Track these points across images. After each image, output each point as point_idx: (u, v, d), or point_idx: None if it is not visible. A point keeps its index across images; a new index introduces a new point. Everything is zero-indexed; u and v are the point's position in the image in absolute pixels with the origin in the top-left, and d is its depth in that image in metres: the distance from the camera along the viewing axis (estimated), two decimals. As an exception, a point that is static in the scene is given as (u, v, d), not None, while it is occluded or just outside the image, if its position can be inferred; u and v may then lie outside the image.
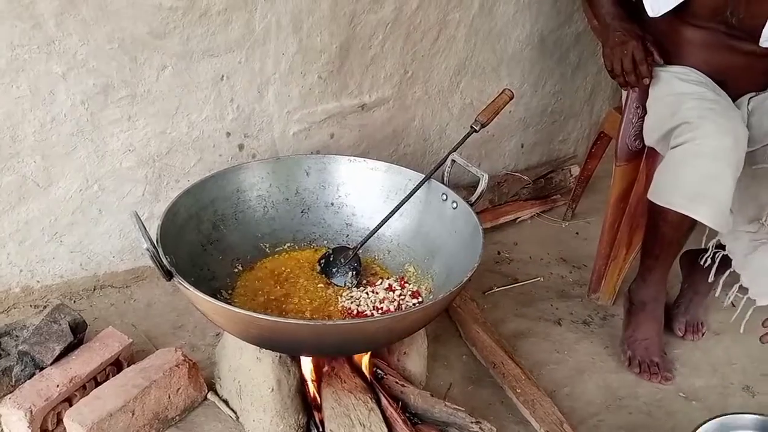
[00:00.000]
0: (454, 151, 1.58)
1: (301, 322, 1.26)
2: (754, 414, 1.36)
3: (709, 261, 1.71)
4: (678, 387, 1.67)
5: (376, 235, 1.59)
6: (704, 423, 1.33)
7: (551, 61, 2.35)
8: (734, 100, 1.60)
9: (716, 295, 1.78)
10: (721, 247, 1.66)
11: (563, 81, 2.44)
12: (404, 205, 1.58)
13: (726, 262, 1.66)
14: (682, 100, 1.53)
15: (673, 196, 1.47)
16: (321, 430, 1.38)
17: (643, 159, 1.73)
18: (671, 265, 1.75)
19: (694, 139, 1.44)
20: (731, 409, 1.61)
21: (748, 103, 1.59)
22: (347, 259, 1.58)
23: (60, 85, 1.51)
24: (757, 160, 1.54)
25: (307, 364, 1.42)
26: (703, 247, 1.73)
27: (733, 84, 1.60)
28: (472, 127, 1.59)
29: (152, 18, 1.54)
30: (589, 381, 1.67)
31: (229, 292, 1.51)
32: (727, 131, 1.42)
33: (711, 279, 1.71)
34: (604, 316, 1.90)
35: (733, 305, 1.78)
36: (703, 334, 1.83)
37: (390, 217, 1.57)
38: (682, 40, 1.61)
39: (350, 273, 1.57)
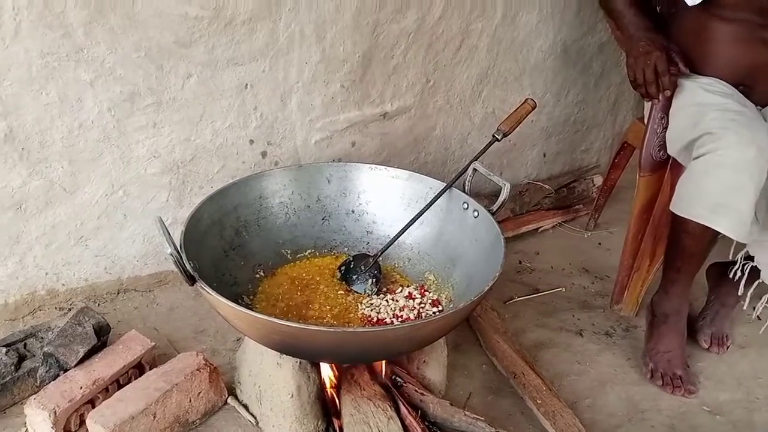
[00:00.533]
0: (476, 159, 1.58)
1: (321, 328, 1.26)
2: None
3: (738, 273, 1.68)
4: (702, 400, 1.65)
5: (396, 242, 1.59)
6: None
7: (574, 71, 2.34)
8: (764, 106, 1.59)
9: (744, 307, 1.75)
10: (749, 258, 1.64)
11: (586, 90, 2.43)
12: (425, 213, 1.58)
13: (754, 273, 1.64)
14: (704, 111, 1.51)
15: (694, 207, 1.47)
16: (340, 437, 1.38)
17: (668, 170, 1.72)
18: (694, 276, 1.72)
19: (716, 150, 1.43)
20: (757, 424, 1.58)
21: None
22: (367, 267, 1.58)
23: (88, 93, 1.54)
24: None
25: (326, 370, 1.43)
26: (731, 259, 1.71)
27: (763, 86, 1.58)
28: (494, 136, 1.59)
29: (178, 27, 1.56)
30: (611, 393, 1.65)
31: (251, 297, 1.52)
32: (750, 142, 1.41)
33: (740, 292, 1.69)
34: (626, 328, 1.88)
35: (759, 318, 1.76)
36: (728, 348, 1.80)
37: (411, 225, 1.58)
38: (710, 38, 1.59)
39: (370, 281, 1.57)
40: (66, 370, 1.42)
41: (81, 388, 1.37)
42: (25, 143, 1.53)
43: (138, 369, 1.49)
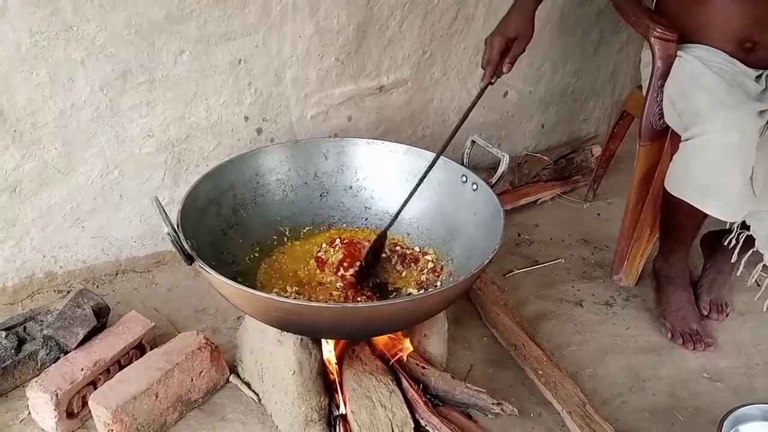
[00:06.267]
0: (474, 105, 1.54)
1: (321, 305, 1.26)
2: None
3: (733, 241, 1.70)
4: (702, 368, 1.66)
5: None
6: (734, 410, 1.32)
7: (572, 40, 2.31)
8: (765, 67, 1.59)
9: (738, 274, 1.77)
10: (744, 227, 1.65)
11: (584, 59, 2.40)
12: (424, 187, 1.57)
13: (748, 241, 1.66)
14: (695, 85, 1.54)
15: (685, 188, 1.52)
16: (342, 411, 1.39)
17: (668, 138, 1.70)
18: (691, 245, 1.78)
19: (702, 134, 1.47)
20: (757, 390, 1.59)
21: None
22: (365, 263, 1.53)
23: (79, 72, 1.52)
24: None
25: (328, 346, 1.43)
26: (726, 228, 1.73)
27: (765, 48, 1.56)
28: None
29: (169, 2, 1.53)
30: (611, 362, 1.66)
31: (250, 275, 1.52)
32: (733, 127, 1.43)
33: (734, 259, 1.72)
34: (626, 298, 1.88)
35: (758, 284, 1.76)
36: (727, 315, 1.81)
37: (412, 195, 1.53)
38: None
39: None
40: (66, 353, 1.42)
41: (82, 369, 1.37)
42: (17, 125, 1.51)
43: (139, 349, 1.49)
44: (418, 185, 1.52)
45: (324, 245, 1.60)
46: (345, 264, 1.52)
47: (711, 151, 1.45)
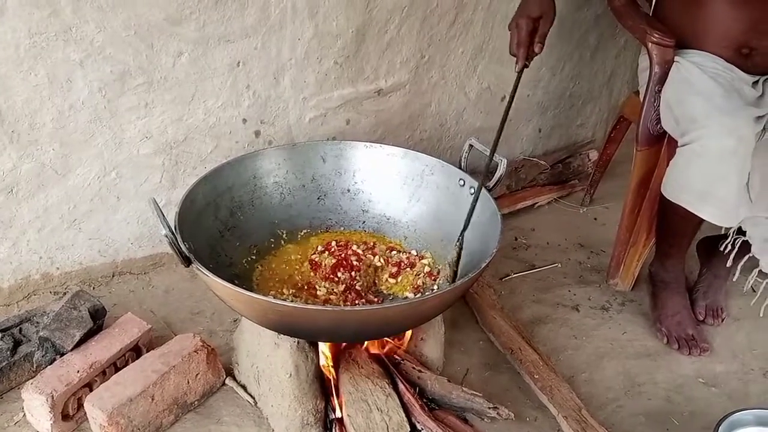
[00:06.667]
0: (513, 98, 1.52)
1: (318, 307, 1.26)
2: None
3: (729, 247, 1.71)
4: (698, 373, 1.66)
5: (392, 221, 1.59)
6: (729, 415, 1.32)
7: (570, 44, 2.32)
8: (765, 73, 1.59)
9: (734, 279, 1.78)
10: (741, 232, 1.66)
11: (582, 64, 2.41)
12: (421, 190, 1.57)
13: (744, 247, 1.66)
14: (692, 90, 1.54)
15: (682, 193, 1.52)
16: (339, 414, 1.39)
17: (665, 144, 1.71)
18: (687, 250, 1.78)
19: (699, 139, 1.47)
20: (752, 395, 1.60)
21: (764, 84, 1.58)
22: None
23: (77, 73, 1.52)
24: None
25: (324, 349, 1.43)
26: (722, 233, 1.74)
27: (762, 54, 1.56)
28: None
29: (168, 3, 1.53)
30: (607, 367, 1.66)
31: (247, 278, 1.52)
32: (730, 133, 1.44)
33: (729, 264, 1.73)
34: (622, 302, 1.88)
35: (754, 290, 1.77)
36: (723, 320, 1.81)
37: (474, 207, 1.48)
38: (706, 1, 1.57)
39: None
40: (62, 354, 1.42)
41: (78, 371, 1.37)
42: (15, 125, 1.50)
43: (135, 352, 1.49)
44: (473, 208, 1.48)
45: (319, 247, 1.60)
46: (339, 269, 1.52)
47: (707, 156, 1.46)
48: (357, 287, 1.48)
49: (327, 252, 1.57)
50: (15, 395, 1.43)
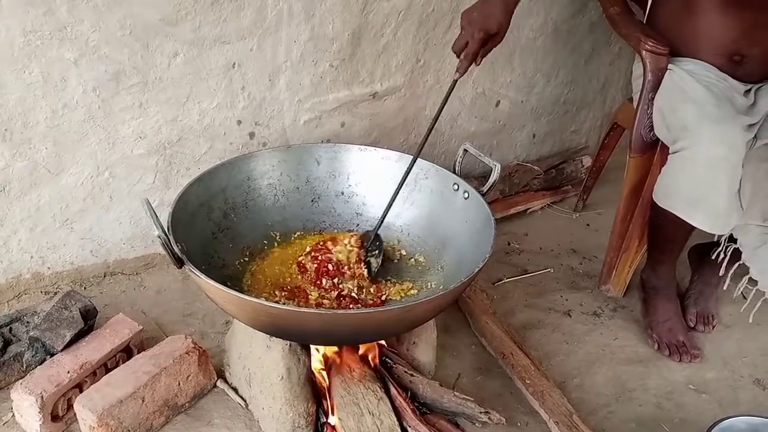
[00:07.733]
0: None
1: (311, 310, 1.25)
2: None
3: (721, 255, 1.72)
4: (688, 379, 1.67)
5: (386, 224, 1.58)
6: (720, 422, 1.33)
7: (564, 51, 2.33)
8: (757, 81, 1.60)
9: (725, 287, 1.79)
10: (732, 240, 1.67)
11: (576, 71, 2.42)
12: (415, 194, 1.57)
13: (735, 254, 1.68)
14: (684, 98, 1.55)
15: (673, 200, 1.53)
16: (330, 418, 1.39)
17: (658, 151, 1.72)
18: (678, 257, 1.79)
19: (690, 147, 1.48)
20: (742, 402, 1.60)
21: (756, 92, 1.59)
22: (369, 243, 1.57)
23: (72, 72, 1.51)
24: None
25: (316, 352, 1.42)
26: (714, 240, 1.75)
27: (762, 51, 1.57)
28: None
29: (164, 4, 1.53)
30: (598, 372, 1.66)
31: (240, 280, 1.51)
32: (721, 140, 1.45)
33: (722, 272, 1.74)
34: (614, 308, 1.89)
35: (744, 297, 1.78)
36: (713, 327, 1.82)
37: (396, 195, 1.54)
38: (698, 9, 1.58)
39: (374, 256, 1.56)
40: (52, 355, 1.41)
41: (68, 372, 1.36)
42: (8, 124, 1.50)
43: (126, 353, 1.48)
44: (399, 186, 1.54)
45: (308, 248, 1.59)
46: (323, 276, 1.52)
47: (699, 163, 1.47)
48: (352, 294, 1.48)
49: (310, 255, 1.57)
50: (4, 395, 1.42)
